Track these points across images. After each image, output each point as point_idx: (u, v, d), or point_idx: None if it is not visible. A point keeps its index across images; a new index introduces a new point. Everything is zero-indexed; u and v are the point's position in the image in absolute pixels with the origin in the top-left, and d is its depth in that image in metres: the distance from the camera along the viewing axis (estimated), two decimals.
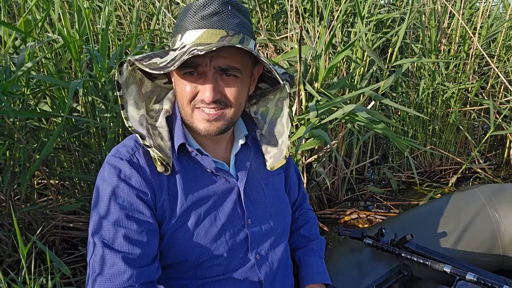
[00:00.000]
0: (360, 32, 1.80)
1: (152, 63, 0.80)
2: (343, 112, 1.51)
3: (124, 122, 1.99)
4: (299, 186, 1.22)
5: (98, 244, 0.81)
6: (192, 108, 0.85)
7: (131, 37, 2.04)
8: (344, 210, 2.47)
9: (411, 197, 2.73)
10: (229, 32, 0.82)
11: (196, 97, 0.84)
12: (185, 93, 0.84)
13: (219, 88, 0.83)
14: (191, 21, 0.82)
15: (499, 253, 1.71)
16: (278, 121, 0.99)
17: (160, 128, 0.90)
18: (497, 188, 1.79)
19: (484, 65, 3.38)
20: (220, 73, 0.83)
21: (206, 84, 0.82)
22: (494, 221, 1.71)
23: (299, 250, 1.16)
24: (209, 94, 0.81)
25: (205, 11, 0.81)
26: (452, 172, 3.04)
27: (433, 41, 2.76)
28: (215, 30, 0.81)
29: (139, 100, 0.90)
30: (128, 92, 0.88)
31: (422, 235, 1.61)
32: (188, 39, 0.82)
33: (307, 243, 1.17)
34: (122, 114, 0.87)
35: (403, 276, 1.52)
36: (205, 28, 0.81)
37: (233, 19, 0.83)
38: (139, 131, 0.87)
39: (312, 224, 1.23)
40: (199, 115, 0.85)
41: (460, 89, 2.90)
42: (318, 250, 1.17)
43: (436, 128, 3.08)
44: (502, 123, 2.89)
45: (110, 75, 1.78)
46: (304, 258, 1.13)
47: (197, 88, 0.83)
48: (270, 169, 0.99)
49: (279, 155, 0.99)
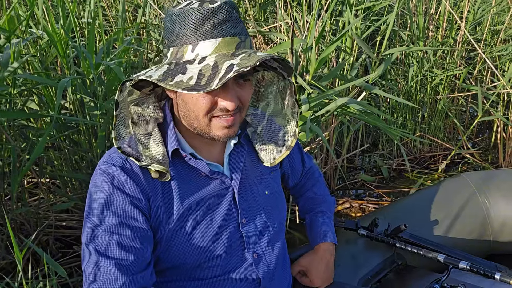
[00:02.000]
0: (351, 24, 1.79)
1: (180, 82, 0.77)
2: (336, 105, 1.51)
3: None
4: (302, 160, 1.23)
5: (92, 251, 0.81)
6: (209, 118, 0.83)
7: (118, 31, 2.00)
8: (337, 200, 2.49)
9: (402, 184, 2.77)
10: (241, 37, 0.81)
11: (214, 107, 0.82)
12: (202, 105, 0.81)
13: (237, 94, 0.82)
14: (203, 30, 0.78)
15: (489, 238, 1.74)
16: (279, 113, 0.99)
17: (153, 135, 0.89)
18: (487, 174, 1.82)
19: (470, 50, 3.41)
20: (238, 79, 0.82)
21: (227, 93, 0.80)
22: (484, 208, 1.74)
23: (308, 214, 1.20)
24: (232, 104, 0.80)
25: (215, 18, 0.78)
26: (442, 158, 3.08)
27: (421, 28, 2.76)
28: (230, 38, 0.79)
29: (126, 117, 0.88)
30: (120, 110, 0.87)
31: (414, 224, 1.64)
32: (204, 51, 0.79)
33: (315, 206, 1.21)
34: (112, 134, 0.85)
35: (397, 265, 1.55)
36: (220, 36, 0.79)
37: (239, 23, 0.82)
38: (131, 154, 0.85)
39: (320, 185, 1.27)
40: (218, 124, 0.84)
41: (448, 75, 2.92)
42: (326, 211, 1.21)
43: (425, 115, 3.10)
44: (490, 109, 2.92)
45: (98, 72, 1.75)
46: (313, 220, 1.18)
47: (215, 98, 0.81)
48: (271, 164, 0.99)
49: (280, 148, 0.99)
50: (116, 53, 1.83)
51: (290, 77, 0.94)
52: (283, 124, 1.00)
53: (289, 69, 0.90)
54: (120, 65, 1.74)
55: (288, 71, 0.92)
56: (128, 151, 0.85)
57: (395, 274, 1.52)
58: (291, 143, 0.98)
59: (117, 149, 0.88)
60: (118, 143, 0.85)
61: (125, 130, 0.87)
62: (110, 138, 1.93)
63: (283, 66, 0.91)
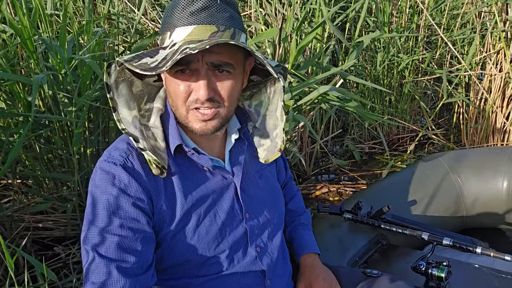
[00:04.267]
0: (328, 14, 1.82)
1: (143, 64, 0.77)
2: (318, 93, 1.54)
3: (93, 116, 1.91)
4: (285, 168, 1.24)
5: (92, 253, 0.80)
6: (186, 109, 0.84)
7: (88, 23, 1.92)
8: (315, 185, 2.54)
9: (374, 166, 2.86)
10: (219, 27, 0.80)
11: (190, 97, 0.82)
12: (179, 93, 0.82)
13: (212, 85, 0.82)
14: (180, 17, 0.80)
15: (462, 214, 1.85)
16: (272, 114, 0.99)
17: (154, 129, 0.88)
18: (458, 154, 1.92)
19: (431, 34, 3.54)
20: (213, 69, 0.81)
21: (199, 82, 0.80)
22: (457, 186, 1.84)
23: (289, 226, 1.20)
24: (203, 92, 0.80)
25: (193, 6, 0.79)
26: (409, 140, 3.20)
27: (387, 14, 2.84)
28: (206, 26, 0.79)
29: (130, 100, 0.87)
30: (118, 93, 0.85)
31: (394, 204, 1.70)
32: (178, 37, 0.80)
33: (295, 218, 1.22)
34: (114, 116, 0.84)
35: (382, 245, 1.61)
36: (194, 24, 0.79)
37: (222, 13, 0.81)
38: (132, 133, 0.84)
39: (298, 198, 1.28)
40: (195, 116, 0.84)
41: (413, 60, 3.02)
42: (307, 223, 1.22)
43: (392, 99, 3.21)
44: (452, 91, 3.06)
45: (72, 66, 1.68)
46: (295, 232, 1.18)
47: (191, 86, 0.81)
48: (265, 162, 1.00)
49: (273, 147, 0.99)
50: (88, 46, 1.76)
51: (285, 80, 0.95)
52: (276, 125, 0.99)
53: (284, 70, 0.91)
54: (94, 58, 1.68)
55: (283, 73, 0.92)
56: (132, 132, 0.84)
57: (380, 254, 1.58)
58: (281, 146, 0.98)
59: (116, 147, 0.86)
60: (122, 125, 0.84)
61: (128, 112, 0.86)
62: (86, 136, 1.87)
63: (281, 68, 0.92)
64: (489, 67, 2.78)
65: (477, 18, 2.93)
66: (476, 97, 2.92)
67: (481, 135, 2.89)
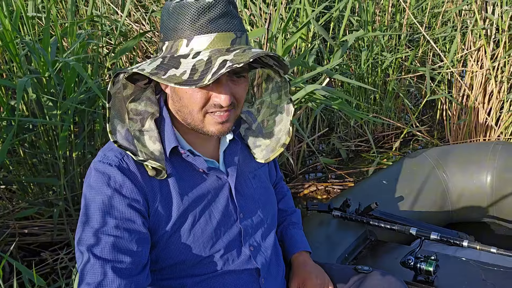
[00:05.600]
0: (313, 13, 1.83)
1: (172, 77, 0.77)
2: (306, 91, 1.55)
3: (78, 120, 1.88)
4: (276, 168, 1.25)
5: (87, 253, 0.79)
6: (204, 114, 0.83)
7: (71, 25, 1.90)
8: (302, 184, 2.56)
9: (361, 164, 2.89)
10: (237, 33, 0.80)
11: (209, 102, 0.82)
12: (196, 100, 0.81)
13: (231, 91, 0.82)
14: (198, 25, 0.78)
15: (448, 209, 1.88)
16: (274, 110, 1.01)
17: (150, 132, 0.88)
18: (443, 150, 1.95)
19: (413, 33, 3.59)
20: (232, 76, 0.82)
21: (221, 89, 0.81)
22: (443, 181, 1.87)
23: (280, 225, 1.21)
24: (226, 100, 0.80)
25: (211, 13, 0.78)
26: (394, 137, 3.24)
27: (371, 13, 2.87)
28: (226, 33, 0.79)
29: (122, 111, 0.86)
30: (115, 103, 0.85)
31: (381, 201, 1.72)
32: (198, 45, 0.79)
33: (286, 217, 1.23)
34: (107, 127, 0.83)
35: (370, 241, 1.63)
36: (215, 32, 0.78)
37: (236, 19, 0.81)
38: (128, 147, 0.83)
39: (288, 198, 1.29)
40: (211, 119, 0.84)
41: (397, 58, 3.07)
42: (297, 222, 1.23)
43: (376, 97, 3.24)
44: (435, 88, 3.11)
45: (56, 69, 1.65)
46: (286, 231, 1.19)
47: (209, 93, 0.81)
48: (265, 161, 1.01)
49: (274, 144, 1.01)
50: (72, 48, 1.74)
51: (286, 75, 0.96)
52: (279, 121, 1.01)
53: (285, 67, 0.92)
54: (79, 61, 1.66)
55: (284, 69, 0.93)
56: (125, 145, 0.83)
57: (369, 250, 1.60)
58: (286, 140, 1.00)
59: (111, 148, 0.85)
60: (114, 137, 0.83)
61: (120, 124, 0.85)
62: (71, 140, 1.84)
63: (279, 64, 0.92)
64: (470, 64, 2.84)
65: (458, 16, 2.98)
66: (459, 94, 2.97)
67: (464, 131, 2.95)
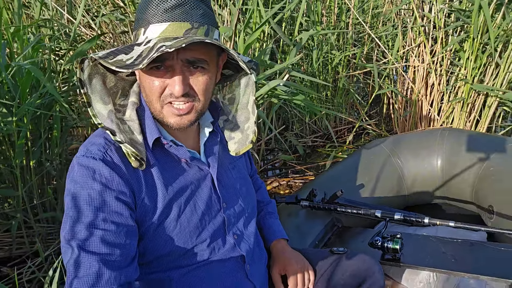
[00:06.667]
0: (269, 14, 1.89)
1: (118, 61, 0.78)
2: (269, 87, 1.60)
3: (32, 127, 1.80)
4: (250, 162, 1.29)
5: (75, 247, 0.78)
6: (161, 104, 0.85)
7: (19, 29, 1.82)
8: (265, 180, 2.61)
9: (317, 158, 3.00)
10: (194, 24, 0.82)
11: (164, 92, 0.84)
12: (153, 89, 0.83)
13: (187, 81, 0.84)
14: (154, 14, 0.81)
15: (404, 193, 2.01)
16: (244, 107, 1.03)
17: (130, 122, 0.88)
18: (397, 138, 2.08)
19: (359, 31, 3.77)
20: (188, 65, 0.83)
21: (174, 78, 0.82)
22: (398, 167, 2.00)
23: (258, 215, 1.24)
24: (178, 88, 0.81)
25: (167, 3, 0.80)
26: (347, 132, 3.39)
27: (319, 13, 2.99)
28: (180, 23, 0.81)
29: (105, 95, 0.87)
30: (92, 88, 0.85)
31: (344, 189, 1.81)
32: (152, 33, 0.81)
33: (262, 207, 1.27)
34: (90, 111, 0.83)
35: (338, 228, 1.71)
36: (169, 21, 0.81)
37: (196, 10, 0.83)
38: (109, 127, 0.84)
39: (263, 189, 1.33)
40: (170, 111, 0.85)
41: (345, 56, 3.21)
42: (274, 212, 1.28)
43: (328, 93, 3.38)
44: (381, 83, 3.30)
45: (9, 73, 1.58)
46: (264, 221, 1.23)
47: (165, 82, 0.83)
48: (236, 154, 1.03)
49: (244, 140, 1.03)
50: (24, 52, 1.67)
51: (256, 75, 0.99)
52: (247, 118, 1.04)
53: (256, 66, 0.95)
54: (34, 64, 1.60)
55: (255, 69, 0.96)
56: (108, 126, 0.84)
57: (337, 237, 1.68)
58: (253, 138, 1.02)
59: (92, 142, 0.85)
60: (98, 120, 0.84)
61: (103, 106, 0.86)
62: (28, 147, 1.76)
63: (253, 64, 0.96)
64: (412, 60, 3.04)
65: (398, 15, 3.18)
66: (403, 88, 3.17)
67: (410, 122, 3.14)
